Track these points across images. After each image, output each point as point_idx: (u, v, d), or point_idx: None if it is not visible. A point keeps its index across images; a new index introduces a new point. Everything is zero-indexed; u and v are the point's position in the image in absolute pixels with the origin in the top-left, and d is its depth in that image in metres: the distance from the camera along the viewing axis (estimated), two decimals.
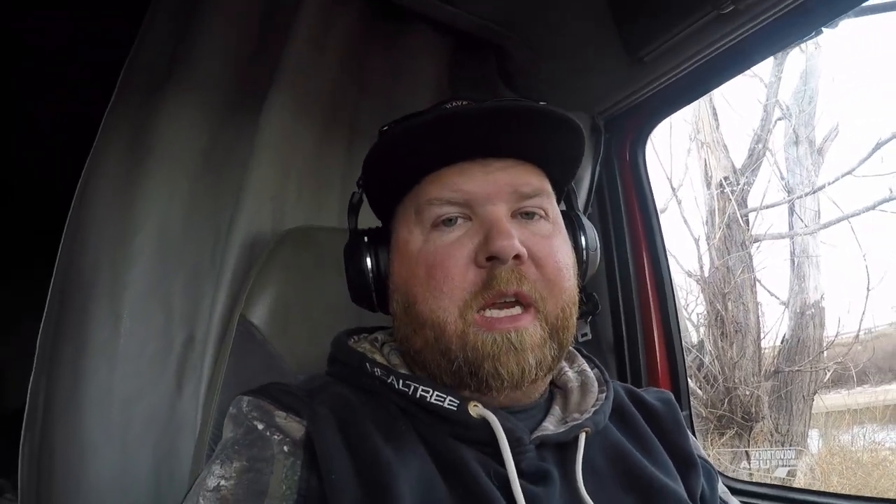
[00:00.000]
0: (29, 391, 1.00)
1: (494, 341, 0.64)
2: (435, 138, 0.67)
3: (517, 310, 0.66)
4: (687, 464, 0.77)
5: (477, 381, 0.65)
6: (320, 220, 1.23)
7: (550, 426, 0.70)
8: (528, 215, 0.70)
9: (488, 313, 0.65)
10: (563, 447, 0.69)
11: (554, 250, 0.69)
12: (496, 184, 0.68)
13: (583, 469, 0.67)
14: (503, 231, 0.65)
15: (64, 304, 1.03)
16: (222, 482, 0.60)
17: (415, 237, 0.70)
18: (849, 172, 4.45)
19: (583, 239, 0.78)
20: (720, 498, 0.80)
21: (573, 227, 0.78)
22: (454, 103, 0.70)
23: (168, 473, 1.06)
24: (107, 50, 1.50)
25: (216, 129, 1.17)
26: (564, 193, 0.82)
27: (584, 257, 0.78)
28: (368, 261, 0.75)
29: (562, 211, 0.77)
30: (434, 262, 0.67)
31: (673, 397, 0.85)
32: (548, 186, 0.72)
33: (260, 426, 0.65)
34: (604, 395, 0.76)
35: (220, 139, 1.18)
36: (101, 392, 1.01)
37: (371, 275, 0.75)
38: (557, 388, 0.79)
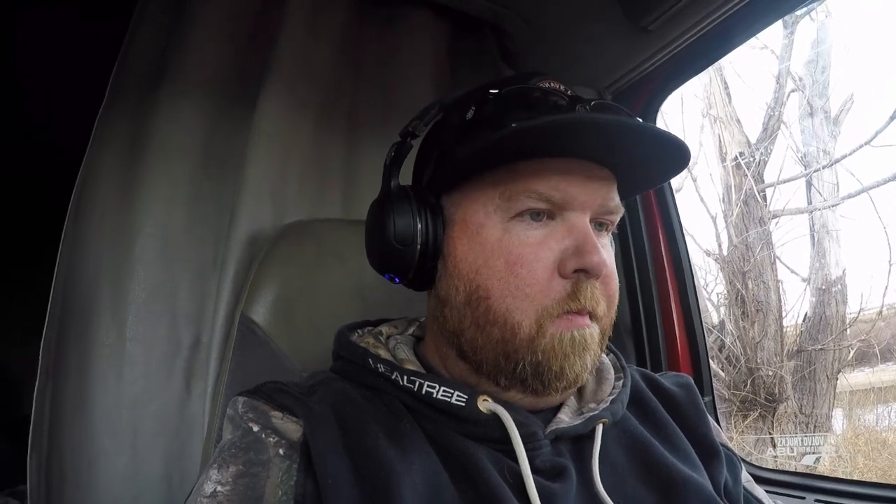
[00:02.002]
0: (34, 400, 0.99)
1: (573, 339, 0.61)
2: (556, 136, 0.61)
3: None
4: (710, 453, 0.73)
5: (538, 382, 0.62)
6: (323, 213, 1.20)
7: (566, 418, 0.67)
8: (601, 227, 0.67)
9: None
10: (579, 440, 0.66)
11: (614, 268, 0.67)
12: (593, 193, 0.64)
13: (600, 462, 0.64)
14: (596, 246, 0.61)
15: (66, 311, 1.02)
16: (219, 488, 0.57)
17: (492, 223, 0.64)
18: (867, 143, 4.37)
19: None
20: (744, 487, 0.77)
21: None
22: (549, 84, 0.66)
23: (179, 476, 1.05)
24: (100, 47, 1.50)
25: (213, 123, 1.15)
26: None
27: None
28: (420, 228, 0.66)
29: None
30: (518, 259, 0.62)
31: (692, 381, 0.82)
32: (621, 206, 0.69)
33: (255, 428, 0.62)
34: (620, 382, 0.73)
35: (218, 134, 1.15)
36: (110, 397, 1.00)
37: (420, 245, 0.66)
38: None
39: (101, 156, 1.06)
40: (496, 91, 0.66)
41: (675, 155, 0.64)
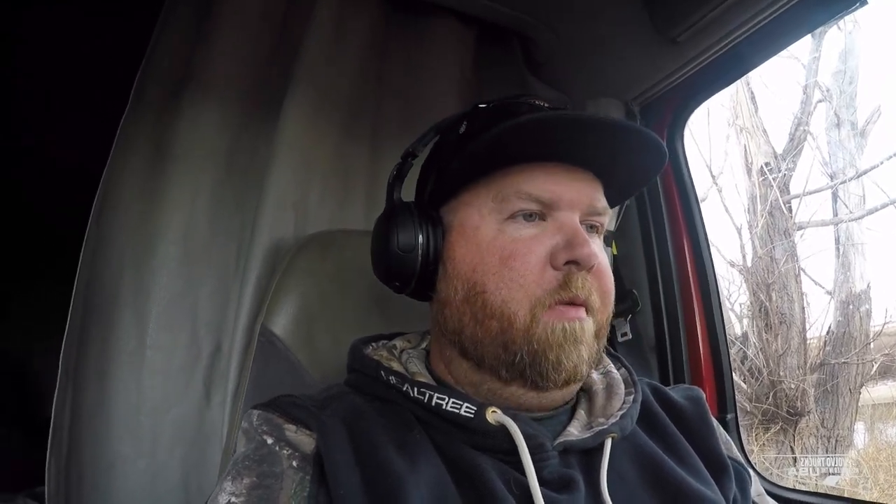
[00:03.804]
0: (54, 403, 1.00)
1: (563, 330, 0.63)
2: (539, 136, 0.65)
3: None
4: (719, 467, 0.73)
5: (536, 373, 0.64)
6: (345, 223, 1.20)
7: (575, 431, 0.68)
8: (591, 228, 0.70)
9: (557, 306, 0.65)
10: (588, 453, 0.67)
11: (607, 266, 0.70)
12: (579, 193, 0.67)
13: (609, 476, 0.64)
14: (586, 240, 0.65)
15: (87, 316, 1.03)
16: (233, 499, 0.58)
17: (487, 224, 0.67)
18: (894, 155, 4.30)
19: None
20: (754, 502, 0.77)
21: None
22: (537, 101, 0.71)
23: (197, 483, 1.06)
24: (101, 47, 1.51)
25: (237, 131, 1.16)
26: None
27: None
28: (421, 237, 0.70)
29: None
30: (511, 253, 0.65)
31: (703, 395, 0.82)
32: (609, 207, 0.72)
33: (269, 441, 0.63)
34: (631, 397, 0.73)
35: (241, 142, 1.16)
36: (129, 403, 1.01)
37: (421, 252, 0.70)
38: (582, 391, 0.76)
39: (124, 161, 1.07)
40: (485, 106, 0.71)
41: (650, 148, 0.67)
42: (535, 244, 0.65)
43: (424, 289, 0.73)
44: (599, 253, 0.67)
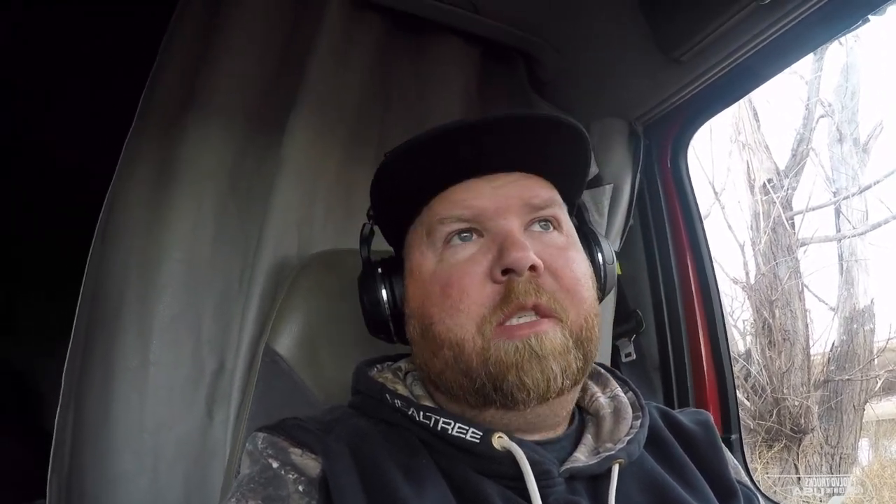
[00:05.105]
0: (57, 419, 0.99)
1: (516, 349, 0.61)
2: (436, 157, 0.66)
3: (535, 316, 0.63)
4: (727, 492, 0.72)
5: (502, 395, 0.62)
6: (348, 243, 1.18)
7: (582, 457, 0.67)
8: (542, 227, 0.69)
9: (507, 322, 0.63)
10: (596, 479, 0.65)
11: (569, 260, 0.68)
12: (505, 197, 0.66)
13: (617, 502, 0.63)
14: (517, 243, 0.63)
15: (91, 331, 1.02)
16: None
17: (428, 259, 0.68)
18: None
19: (599, 255, 0.76)
20: None
21: (588, 242, 0.76)
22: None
23: (199, 502, 1.04)
24: (101, 47, 1.51)
25: (241, 151, 1.16)
26: (576, 208, 0.79)
27: (602, 273, 0.75)
28: (384, 292, 0.73)
29: (575, 227, 0.75)
30: (449, 280, 0.65)
31: (711, 418, 0.81)
32: (558, 198, 0.70)
33: (275, 464, 0.63)
34: (638, 422, 0.72)
35: (245, 162, 1.16)
36: (132, 421, 1.00)
37: (387, 305, 0.73)
38: (589, 416, 0.75)
39: (129, 178, 1.07)
40: (389, 153, 0.70)
41: (556, 130, 0.67)
42: (470, 265, 0.65)
43: (403, 336, 0.74)
44: (549, 250, 0.66)
